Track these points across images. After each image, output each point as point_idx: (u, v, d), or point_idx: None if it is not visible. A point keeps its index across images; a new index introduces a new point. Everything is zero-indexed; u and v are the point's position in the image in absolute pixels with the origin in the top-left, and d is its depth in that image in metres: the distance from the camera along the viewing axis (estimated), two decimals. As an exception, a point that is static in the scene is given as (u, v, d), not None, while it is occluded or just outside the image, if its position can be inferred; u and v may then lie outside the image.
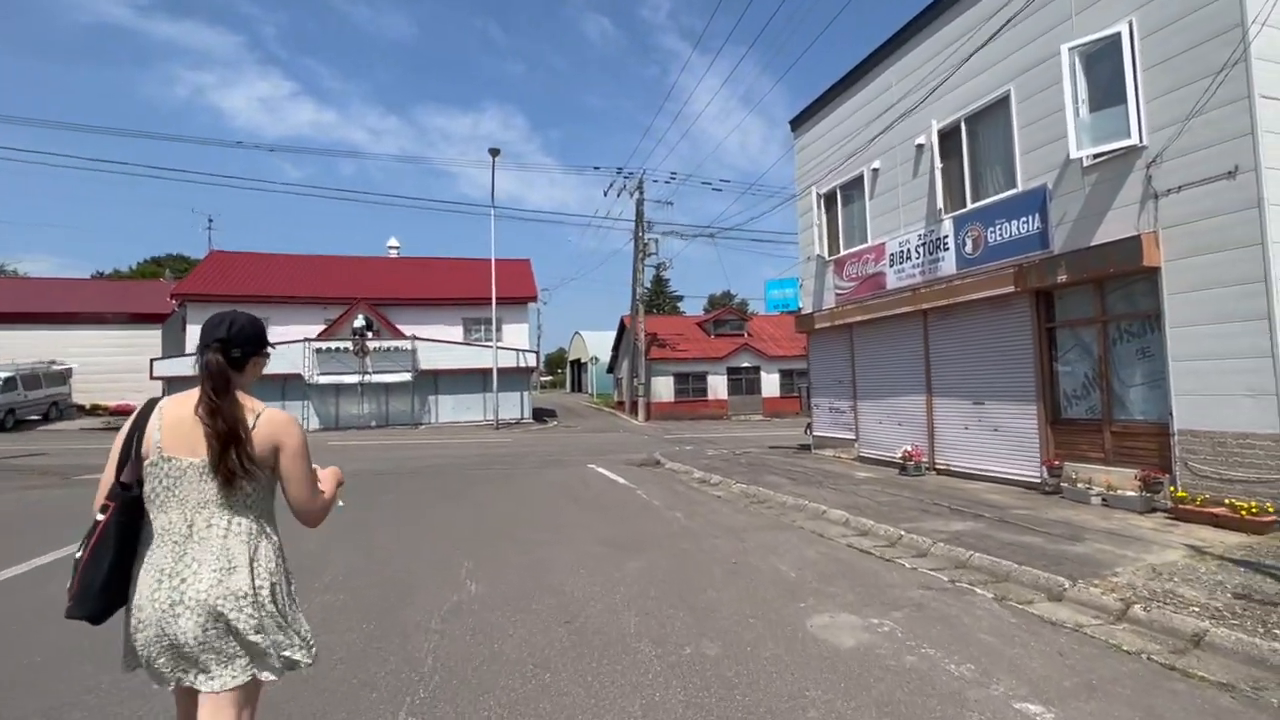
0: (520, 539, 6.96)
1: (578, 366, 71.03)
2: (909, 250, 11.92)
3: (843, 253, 14.08)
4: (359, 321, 26.75)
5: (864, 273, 13.25)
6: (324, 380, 26.21)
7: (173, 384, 24.96)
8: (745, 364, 35.73)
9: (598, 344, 56.94)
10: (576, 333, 71.06)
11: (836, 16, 52.68)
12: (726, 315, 39.05)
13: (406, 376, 27.01)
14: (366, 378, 26.66)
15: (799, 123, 15.91)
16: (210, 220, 72.72)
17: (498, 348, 27.83)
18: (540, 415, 33.63)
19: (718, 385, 35.17)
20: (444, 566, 5.87)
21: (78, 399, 27.97)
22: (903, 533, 7.00)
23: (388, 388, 27.46)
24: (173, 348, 28.31)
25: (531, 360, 30.15)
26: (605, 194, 33.46)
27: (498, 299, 28.38)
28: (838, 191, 14.31)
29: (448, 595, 5.06)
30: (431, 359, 27.89)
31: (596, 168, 40.55)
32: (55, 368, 26.87)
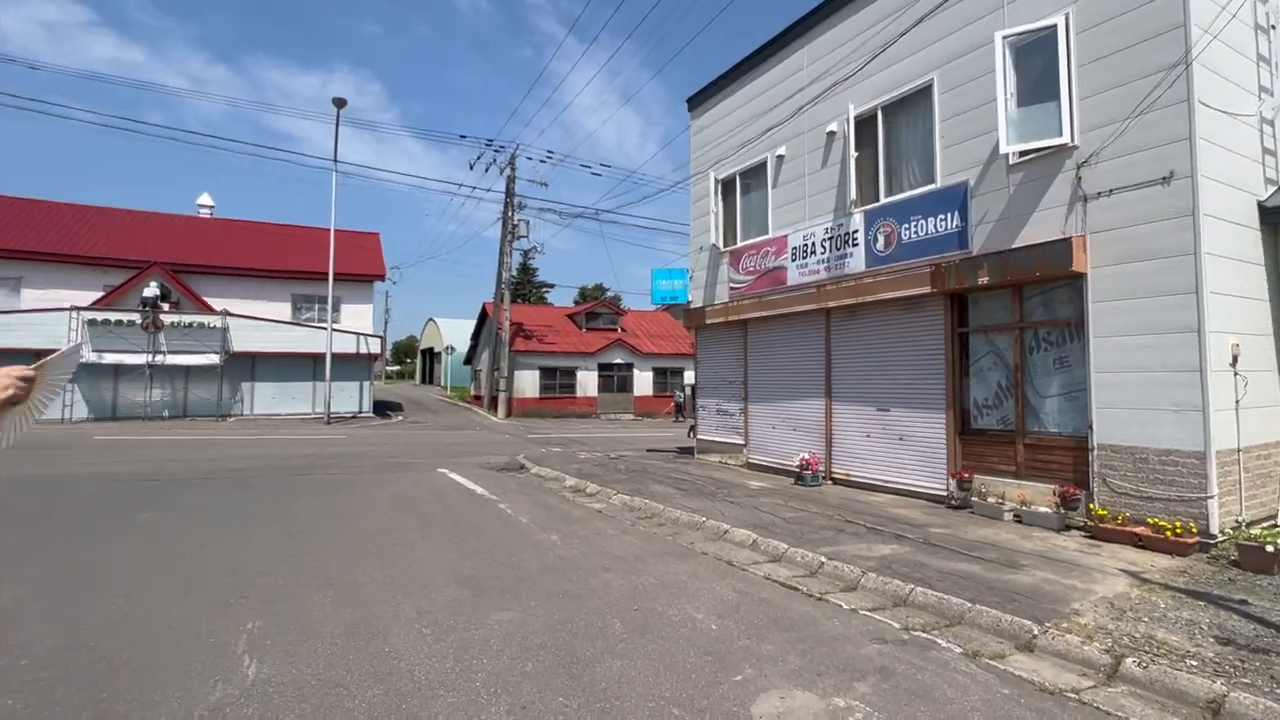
0: (342, 580, 5.37)
1: (430, 356, 67.18)
2: (814, 244, 11.42)
3: (740, 244, 13.44)
4: (151, 289, 22.86)
5: (763, 266, 12.66)
6: (97, 360, 22.10)
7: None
8: (618, 360, 34.95)
9: (454, 333, 53.94)
10: (430, 319, 67.28)
11: (720, 13, 53.33)
12: (600, 309, 38.09)
13: (213, 359, 23.46)
14: (158, 358, 22.84)
15: (697, 102, 15.14)
16: None
17: (333, 329, 24.96)
18: (384, 409, 30.85)
19: (588, 382, 34.10)
20: (213, 631, 4.21)
21: None
22: (823, 559, 6.21)
23: (187, 371, 23.74)
24: (-117, 308, 22.76)
25: (375, 346, 27.43)
26: (471, 167, 31.23)
27: (338, 275, 25.49)
28: (737, 178, 13.65)
29: (205, 687, 3.47)
30: (248, 339, 24.48)
31: (463, 136, 38.14)
32: None
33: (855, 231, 10.57)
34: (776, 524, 7.77)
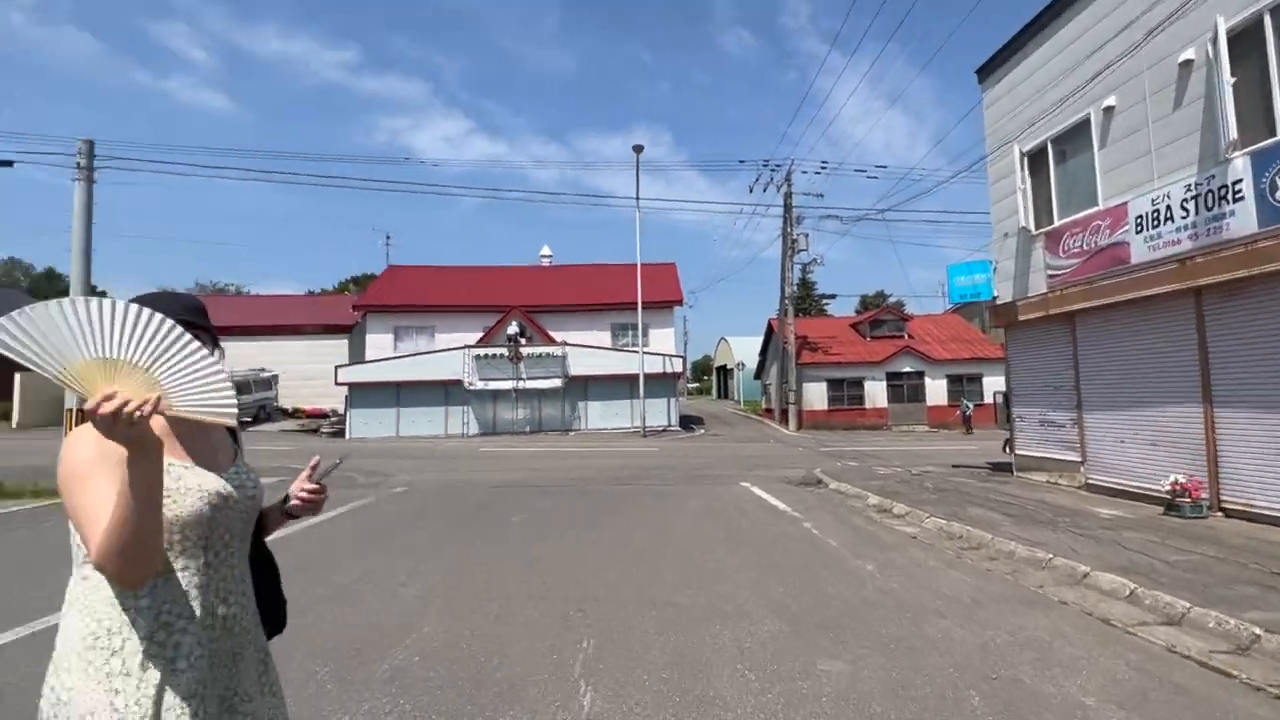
0: (662, 601, 5.03)
1: (724, 373, 68.69)
2: (1168, 209, 8.65)
3: (1058, 223, 10.88)
4: (513, 328, 26.56)
5: (1092, 245, 10.02)
6: (482, 386, 26.22)
7: (353, 390, 26.09)
8: (906, 369, 31.68)
9: (744, 349, 54.26)
10: (722, 338, 68.85)
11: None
12: (884, 315, 35.04)
13: (557, 382, 26.38)
14: (520, 384, 26.35)
15: (990, 70, 12.79)
16: (388, 237, 79.05)
17: (644, 353, 26.43)
18: (687, 422, 31.90)
19: (876, 392, 31.44)
20: (556, 648, 4.07)
21: (282, 403, 30.30)
22: (1257, 630, 4.24)
23: (540, 393, 27.00)
24: (356, 355, 29.83)
25: (678, 365, 28.51)
26: (751, 190, 31.13)
27: (644, 303, 27.02)
28: (1048, 146, 11.13)
29: (548, 714, 3.24)
30: (581, 364, 27.10)
31: (741, 161, 38.25)
32: (263, 374, 29.22)
33: (1236, 183, 7.69)
34: (1159, 570, 5.71)
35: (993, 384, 31.87)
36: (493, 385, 26.22)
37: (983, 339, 34.07)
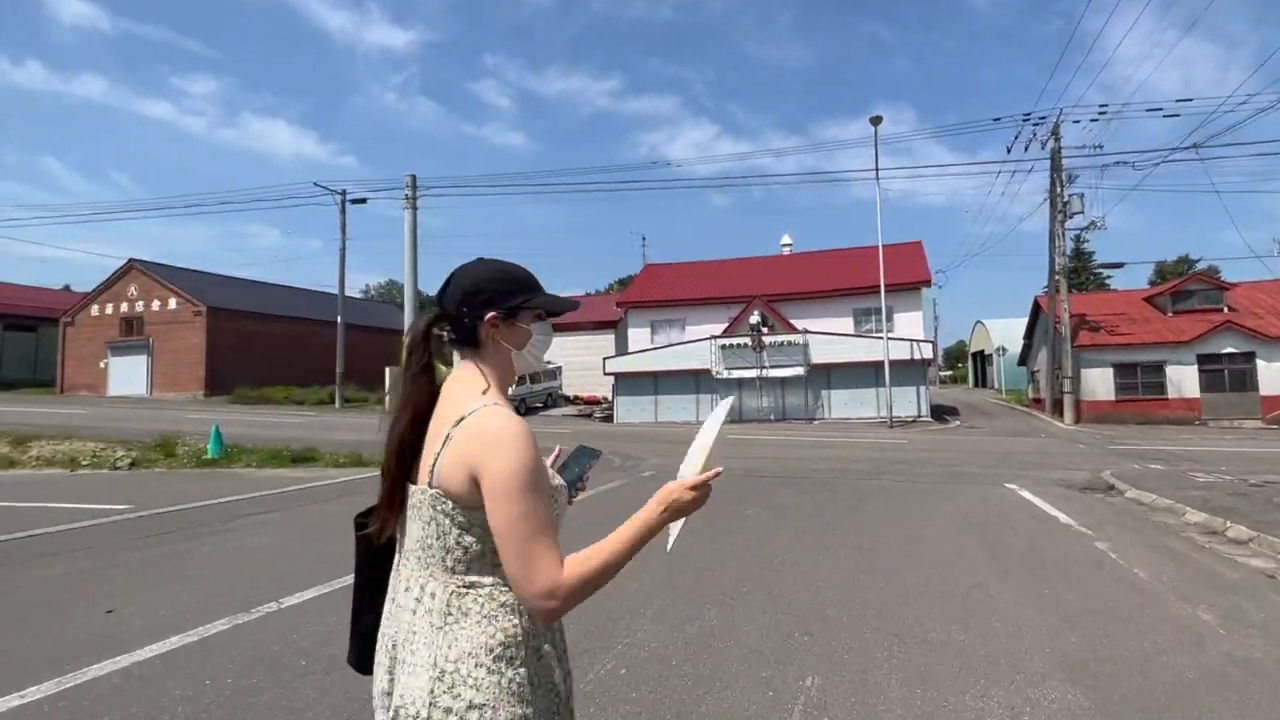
0: (910, 634, 4.07)
1: (980, 359, 59.73)
2: None
3: None
4: (754, 318, 25.97)
5: None
6: (729, 375, 26.13)
7: (618, 379, 27.95)
8: (1228, 349, 23.94)
9: (1004, 333, 46.39)
10: (978, 321, 59.91)
11: None
12: (1193, 284, 26.83)
13: (799, 370, 25.16)
14: (763, 372, 25.69)
15: None
16: (644, 239, 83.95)
17: (888, 338, 23.85)
18: (940, 413, 28.21)
19: (1183, 379, 24.29)
20: (773, 681, 3.37)
21: (566, 391, 33.84)
22: None
23: (783, 382, 26.03)
24: (620, 348, 31.96)
25: (928, 351, 25.23)
26: (1009, 150, 26.05)
27: (887, 286, 24.37)
28: None
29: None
30: (822, 352, 25.48)
31: (996, 120, 31.69)
32: (550, 366, 32.85)
33: None
34: None
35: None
36: (737, 374, 25.96)
37: (1353, 309, 24.36)
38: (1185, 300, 26.12)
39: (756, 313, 26.51)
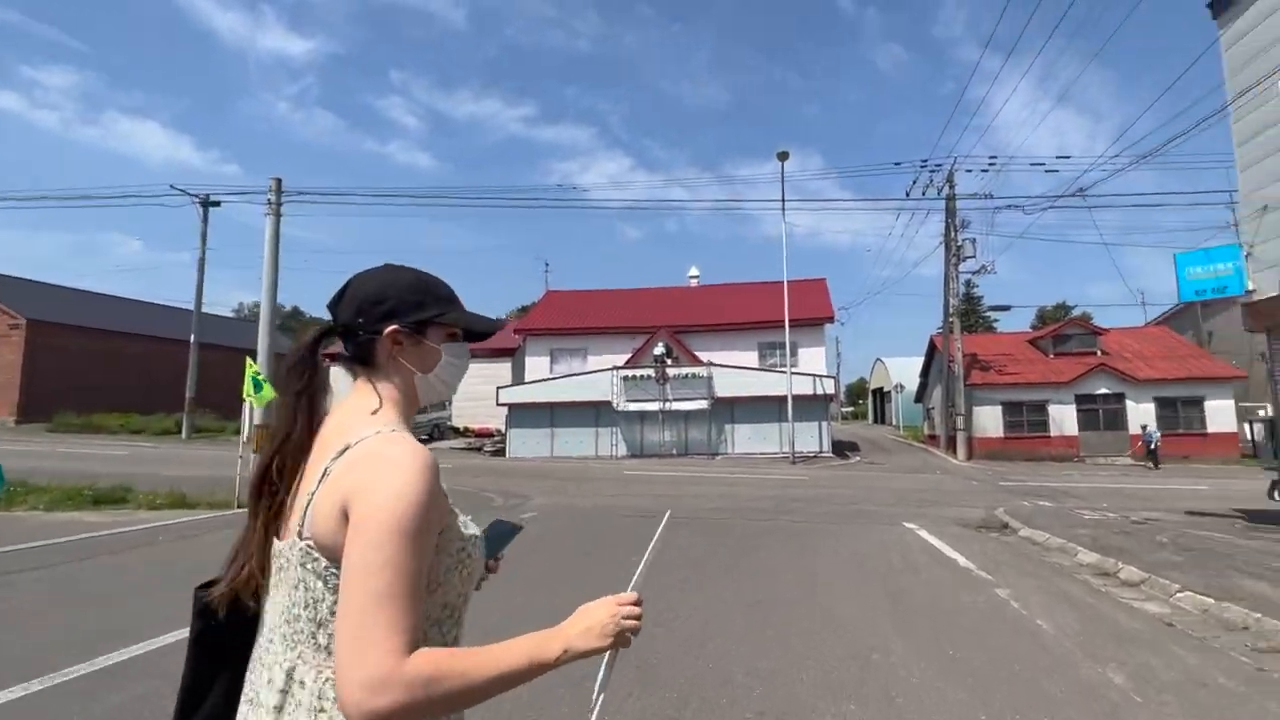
0: (796, 717, 3.46)
1: (880, 396, 63.28)
2: None
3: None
4: (659, 349, 25.71)
5: None
6: (631, 407, 25.58)
7: (512, 410, 26.67)
8: (1102, 390, 26.38)
9: (902, 370, 49.41)
10: (878, 359, 63.64)
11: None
12: (1071, 329, 29.60)
13: (703, 404, 25.05)
14: (667, 405, 25.36)
15: (1227, 2, 9.70)
16: (547, 265, 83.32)
17: (792, 373, 24.31)
18: (841, 448, 29.05)
19: (1063, 418, 26.46)
20: None
21: (455, 423, 31.96)
22: None
23: (686, 415, 25.81)
24: (517, 377, 30.70)
25: (829, 387, 25.95)
26: (908, 194, 27.80)
27: (792, 321, 24.98)
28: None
29: None
30: (727, 385, 25.56)
31: (897, 164, 33.80)
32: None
33: None
34: None
35: (1218, 409, 25.59)
36: (640, 406, 25.49)
37: (1199, 354, 27.67)
38: (1065, 343, 28.63)
39: (661, 344, 26.32)
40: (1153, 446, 23.10)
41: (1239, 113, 9.65)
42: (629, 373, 25.95)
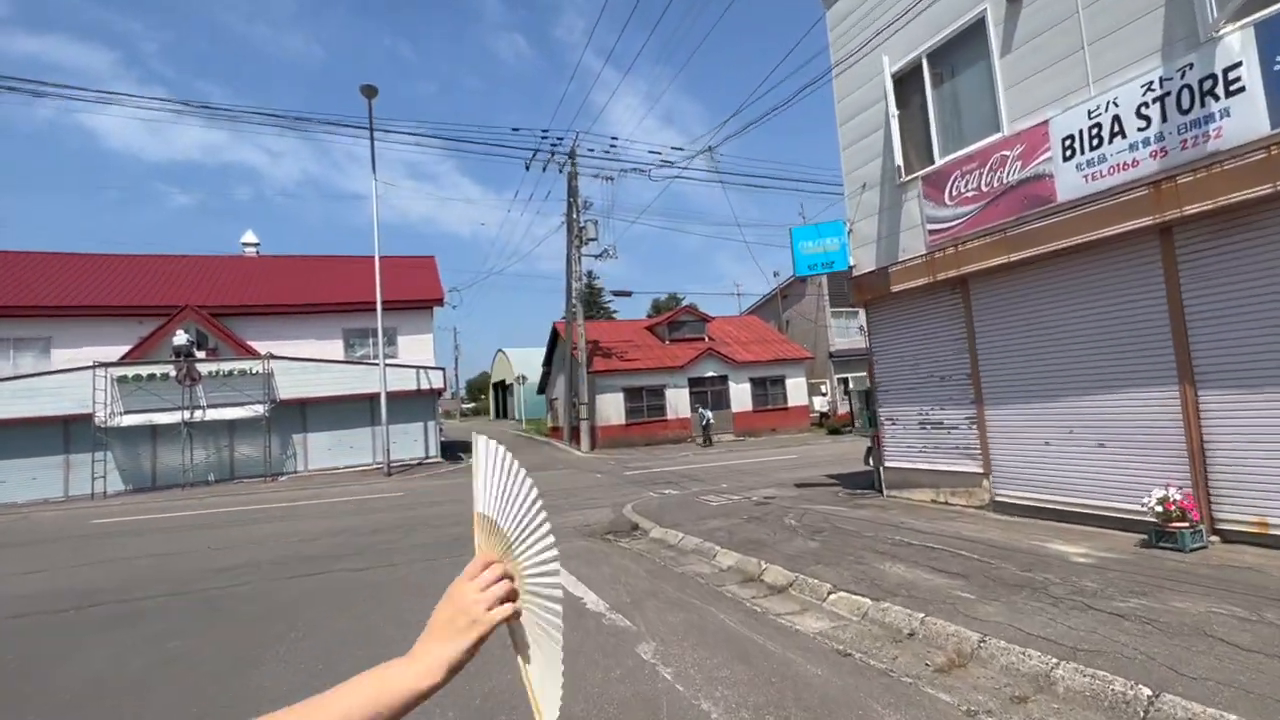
0: None
1: (502, 389, 64.12)
2: (1115, 121, 6.56)
3: (940, 162, 8.72)
4: (181, 337, 19.60)
5: (993, 185, 7.87)
6: (130, 421, 18.94)
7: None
8: (710, 373, 30.23)
9: (525, 361, 50.48)
10: (499, 350, 64.38)
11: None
12: (684, 316, 33.43)
13: (258, 409, 20.03)
14: (196, 415, 19.55)
15: None
16: None
17: (387, 364, 21.24)
18: (454, 451, 27.13)
19: (678, 401, 29.46)
20: None
21: None
22: None
23: (232, 426, 20.39)
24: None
25: (438, 380, 23.64)
26: (527, 167, 27.39)
27: (390, 303, 21.90)
28: (924, 64, 8.97)
29: None
30: (295, 384, 21.03)
31: (515, 129, 32.96)
32: None
33: (1231, 69, 5.65)
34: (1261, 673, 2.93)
35: (795, 385, 31.78)
36: (148, 419, 19.07)
37: (782, 339, 34.14)
38: (679, 329, 32.08)
39: (185, 329, 20.27)
40: (706, 424, 26.98)
41: (840, 92, 10.56)
42: (127, 371, 19.23)
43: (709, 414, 27.26)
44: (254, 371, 20.26)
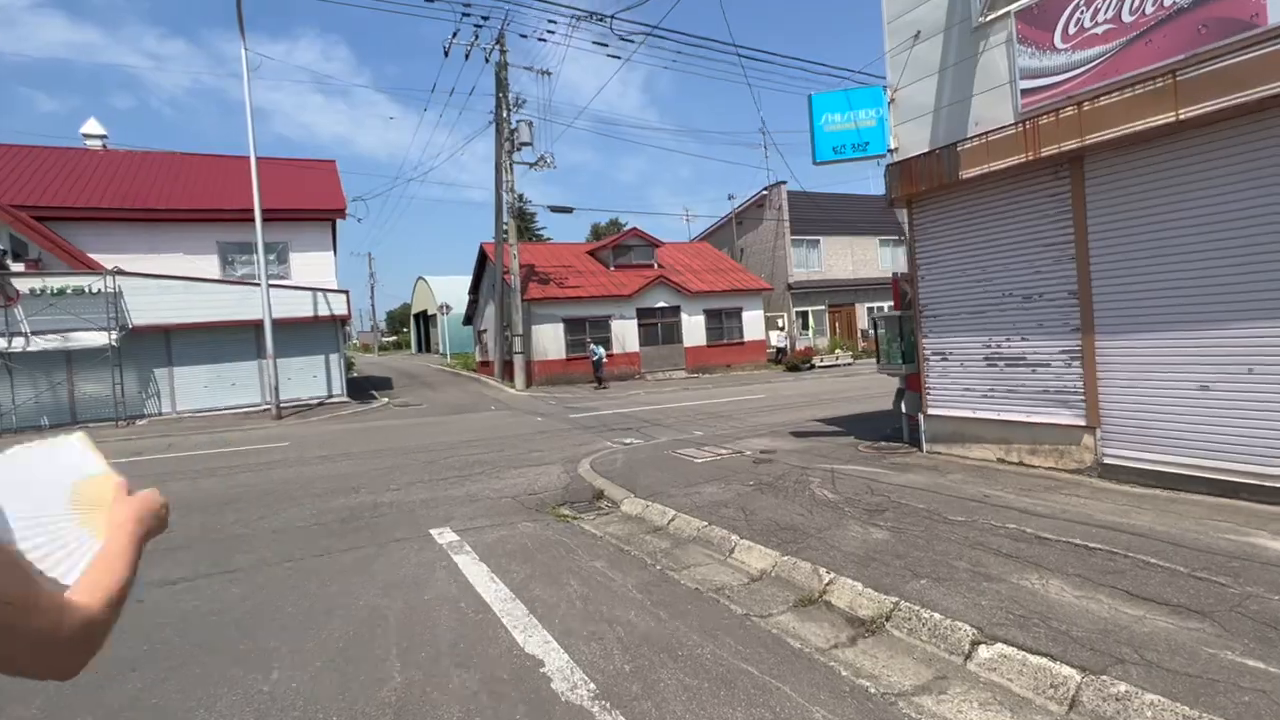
0: None
1: (424, 321, 60.13)
2: None
3: (1052, -18, 6.24)
4: (-9, 241, 15.70)
5: (1151, 8, 5.48)
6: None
7: None
8: (661, 303, 27.77)
9: (449, 289, 46.74)
10: (420, 278, 60.01)
11: None
12: (631, 239, 30.50)
13: (102, 338, 16.44)
14: (17, 343, 15.86)
15: None
16: None
17: (270, 284, 17.83)
18: (364, 388, 24.07)
19: (626, 333, 26.94)
20: None
21: None
22: None
23: (69, 358, 16.77)
24: None
25: (341, 305, 20.33)
26: (447, 53, 23.63)
27: (279, 212, 18.31)
28: None
29: None
30: (154, 306, 17.43)
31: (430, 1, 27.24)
32: None
33: None
34: None
35: (752, 319, 29.72)
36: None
37: (738, 269, 31.89)
38: (625, 255, 29.26)
39: None
40: (599, 362, 24.34)
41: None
42: (-80, 284, 15.28)
43: (601, 350, 24.42)
44: (94, 290, 16.53)
